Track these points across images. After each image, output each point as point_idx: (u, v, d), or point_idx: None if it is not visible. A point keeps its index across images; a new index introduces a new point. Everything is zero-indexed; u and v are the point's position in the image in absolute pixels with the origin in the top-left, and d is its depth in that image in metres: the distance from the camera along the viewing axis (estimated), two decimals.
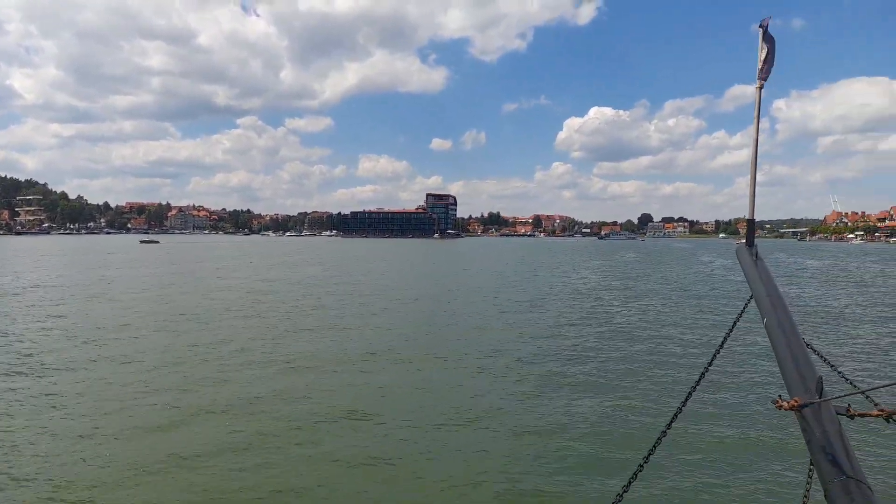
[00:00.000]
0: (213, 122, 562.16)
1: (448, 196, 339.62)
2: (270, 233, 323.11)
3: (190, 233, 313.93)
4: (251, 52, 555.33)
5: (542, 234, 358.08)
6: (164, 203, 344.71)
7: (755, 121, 5.24)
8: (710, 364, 4.85)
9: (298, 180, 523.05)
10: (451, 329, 23.99)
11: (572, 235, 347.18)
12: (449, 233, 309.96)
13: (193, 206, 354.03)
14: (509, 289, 41.27)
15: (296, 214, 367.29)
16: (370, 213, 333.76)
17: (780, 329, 4.02)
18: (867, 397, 4.33)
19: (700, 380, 4.62)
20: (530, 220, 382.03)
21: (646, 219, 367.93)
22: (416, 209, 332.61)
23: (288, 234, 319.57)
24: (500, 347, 20.08)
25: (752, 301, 4.43)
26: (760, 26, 4.95)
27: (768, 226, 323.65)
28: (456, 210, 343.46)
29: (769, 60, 5.12)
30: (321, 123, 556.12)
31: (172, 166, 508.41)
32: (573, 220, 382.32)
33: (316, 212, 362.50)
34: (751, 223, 5.17)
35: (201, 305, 30.45)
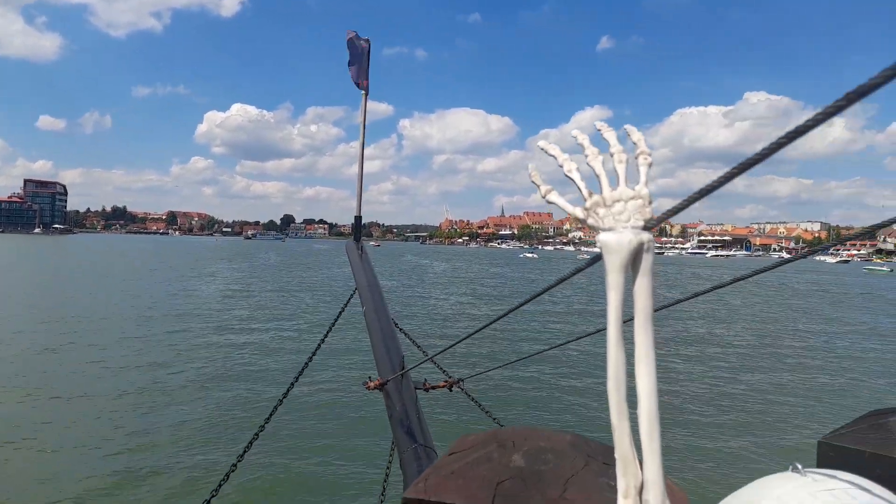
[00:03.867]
0: None
1: (55, 184, 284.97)
2: None
3: None
4: None
5: (177, 233, 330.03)
6: None
7: (361, 125, 5.74)
8: (313, 355, 5.09)
9: None
10: None
11: (212, 234, 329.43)
12: (56, 228, 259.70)
13: None
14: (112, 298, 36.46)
15: None
16: None
17: (375, 316, 4.47)
18: (444, 372, 5.11)
19: (302, 371, 4.77)
20: (164, 217, 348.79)
21: (288, 219, 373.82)
22: (11, 197, 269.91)
23: None
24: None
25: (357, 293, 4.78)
26: (348, 40, 5.47)
27: (395, 230, 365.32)
28: (66, 201, 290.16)
29: (364, 69, 5.70)
30: None
31: None
32: (213, 218, 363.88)
33: None
34: (358, 221, 5.64)
35: None
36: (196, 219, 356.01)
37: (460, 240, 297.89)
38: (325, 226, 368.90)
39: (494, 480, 0.82)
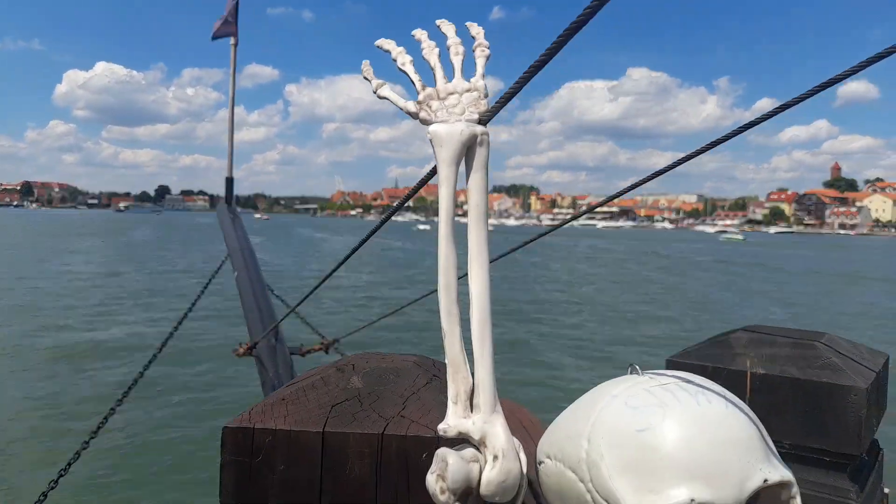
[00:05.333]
0: None
1: None
2: None
3: None
4: None
5: (34, 205, 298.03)
6: None
7: (231, 77, 5.41)
8: (178, 324, 4.80)
9: None
10: None
11: (75, 207, 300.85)
12: None
13: None
14: None
15: None
16: None
17: (248, 280, 4.30)
18: (318, 333, 5.02)
19: (166, 342, 4.50)
20: (18, 188, 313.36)
21: (164, 190, 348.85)
22: None
23: None
24: None
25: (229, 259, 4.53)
26: None
27: (283, 202, 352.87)
28: None
29: (235, 21, 5.39)
30: None
31: None
32: (77, 188, 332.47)
33: None
34: (229, 182, 5.35)
35: None
36: (56, 189, 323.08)
37: (353, 212, 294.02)
38: (206, 197, 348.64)
39: (328, 404, 0.76)
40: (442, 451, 0.61)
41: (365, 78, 0.77)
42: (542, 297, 25.81)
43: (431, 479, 0.60)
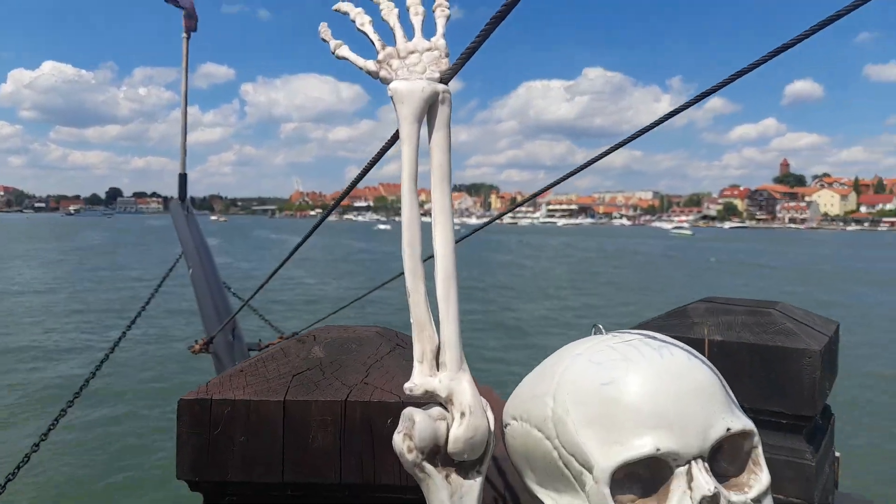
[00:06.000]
0: None
1: None
2: None
3: None
4: None
5: None
6: None
7: (184, 71, 5.26)
8: (131, 324, 4.62)
9: None
10: None
11: (21, 210, 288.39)
12: None
13: None
14: None
15: None
16: None
17: (203, 277, 4.20)
18: (275, 329, 4.94)
19: (118, 341, 4.33)
20: None
21: (115, 193, 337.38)
22: None
23: None
24: None
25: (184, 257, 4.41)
26: None
27: (240, 203, 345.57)
28: None
29: (193, 15, 5.26)
30: None
31: None
32: (22, 192, 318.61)
33: None
34: (183, 179, 5.19)
35: None
36: (1, 193, 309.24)
37: (312, 212, 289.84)
38: (160, 199, 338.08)
39: (289, 373, 0.74)
40: (408, 411, 0.60)
41: (323, 40, 0.76)
42: (504, 283, 26.22)
43: (398, 439, 0.59)
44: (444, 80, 0.67)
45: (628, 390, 0.62)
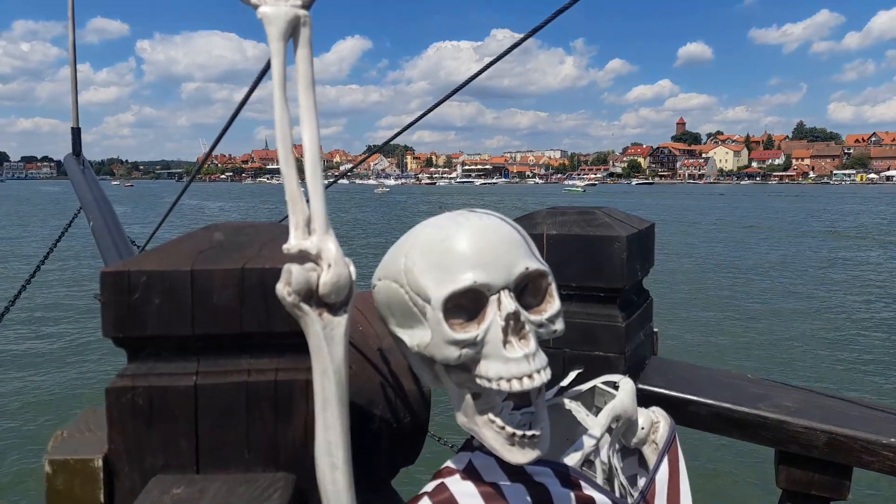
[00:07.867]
0: None
1: None
2: None
3: None
4: None
5: None
6: None
7: (70, 20, 4.97)
8: (31, 278, 4.47)
9: None
10: None
11: None
12: None
13: None
14: None
15: None
16: None
17: (106, 228, 4.12)
18: None
19: (17, 296, 4.20)
20: None
21: (1, 157, 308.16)
22: None
23: None
24: None
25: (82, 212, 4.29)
26: None
27: (143, 167, 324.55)
28: None
29: None
30: None
31: None
32: None
33: None
34: (76, 132, 4.98)
35: None
36: None
37: (223, 175, 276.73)
38: (52, 164, 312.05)
39: (195, 251, 0.90)
40: (287, 265, 0.78)
41: None
42: None
43: (280, 286, 0.77)
44: (305, 5, 0.83)
45: (458, 242, 0.86)
